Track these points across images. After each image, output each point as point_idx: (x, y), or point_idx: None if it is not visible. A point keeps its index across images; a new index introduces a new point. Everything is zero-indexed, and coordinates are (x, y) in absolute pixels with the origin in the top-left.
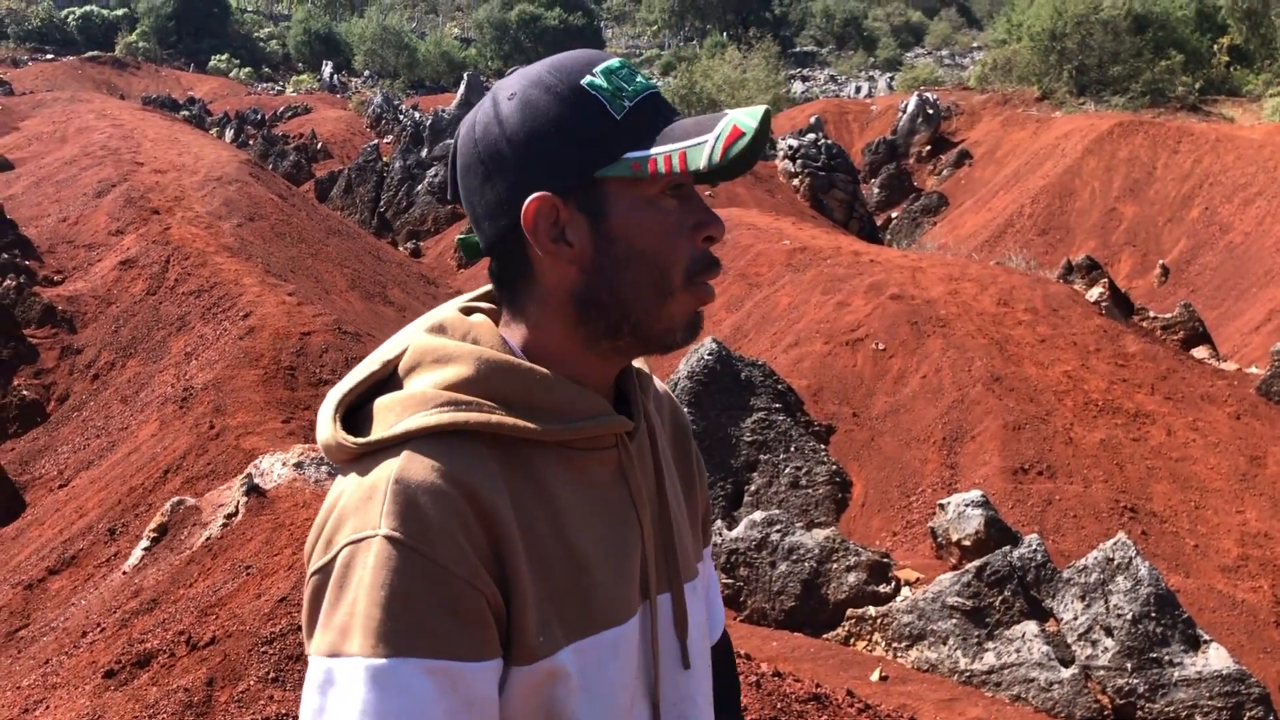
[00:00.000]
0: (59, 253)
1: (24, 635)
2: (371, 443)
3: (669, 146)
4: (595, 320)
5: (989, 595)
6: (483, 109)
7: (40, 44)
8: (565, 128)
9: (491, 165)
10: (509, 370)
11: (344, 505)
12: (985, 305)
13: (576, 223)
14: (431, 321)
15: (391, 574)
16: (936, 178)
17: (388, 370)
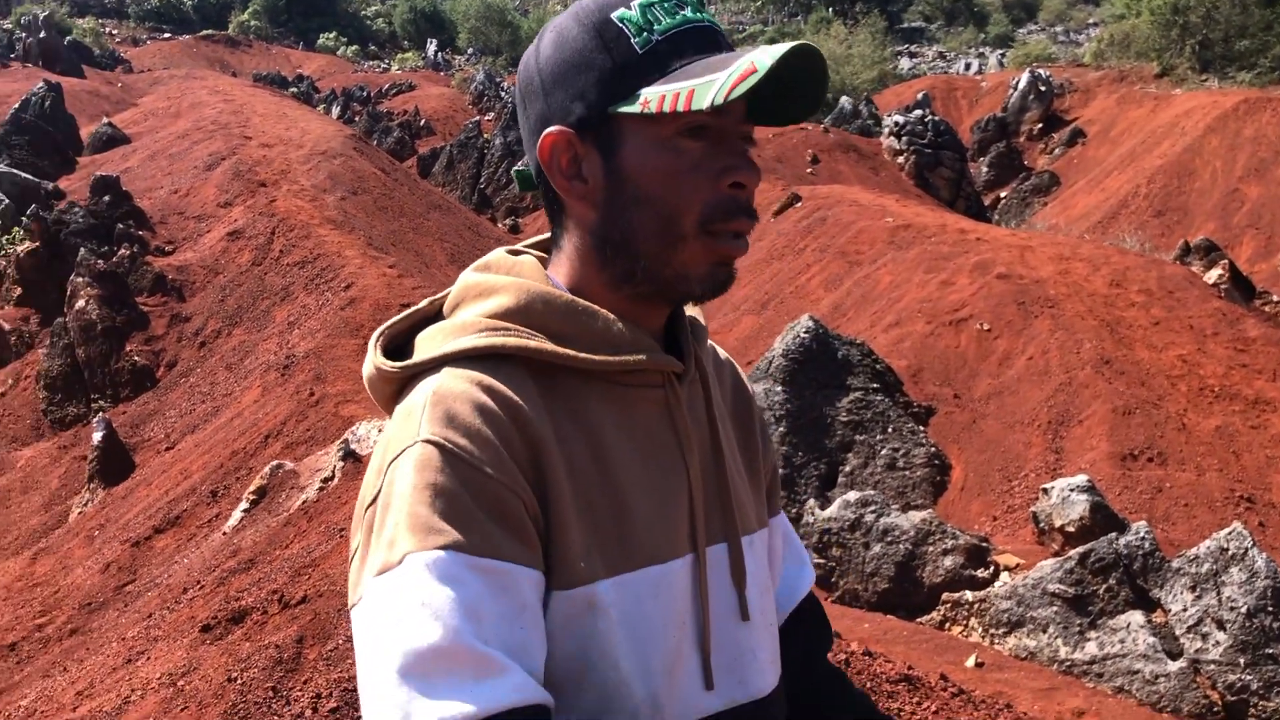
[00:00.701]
0: (170, 223)
1: (131, 590)
2: (411, 365)
3: (680, 84)
4: (613, 262)
5: (1092, 583)
6: (532, 47)
7: (159, 23)
8: (585, 60)
9: (528, 96)
10: (551, 301)
11: (390, 433)
12: (1097, 286)
13: (592, 159)
14: (480, 262)
15: (433, 473)
16: (1048, 156)
17: (434, 308)
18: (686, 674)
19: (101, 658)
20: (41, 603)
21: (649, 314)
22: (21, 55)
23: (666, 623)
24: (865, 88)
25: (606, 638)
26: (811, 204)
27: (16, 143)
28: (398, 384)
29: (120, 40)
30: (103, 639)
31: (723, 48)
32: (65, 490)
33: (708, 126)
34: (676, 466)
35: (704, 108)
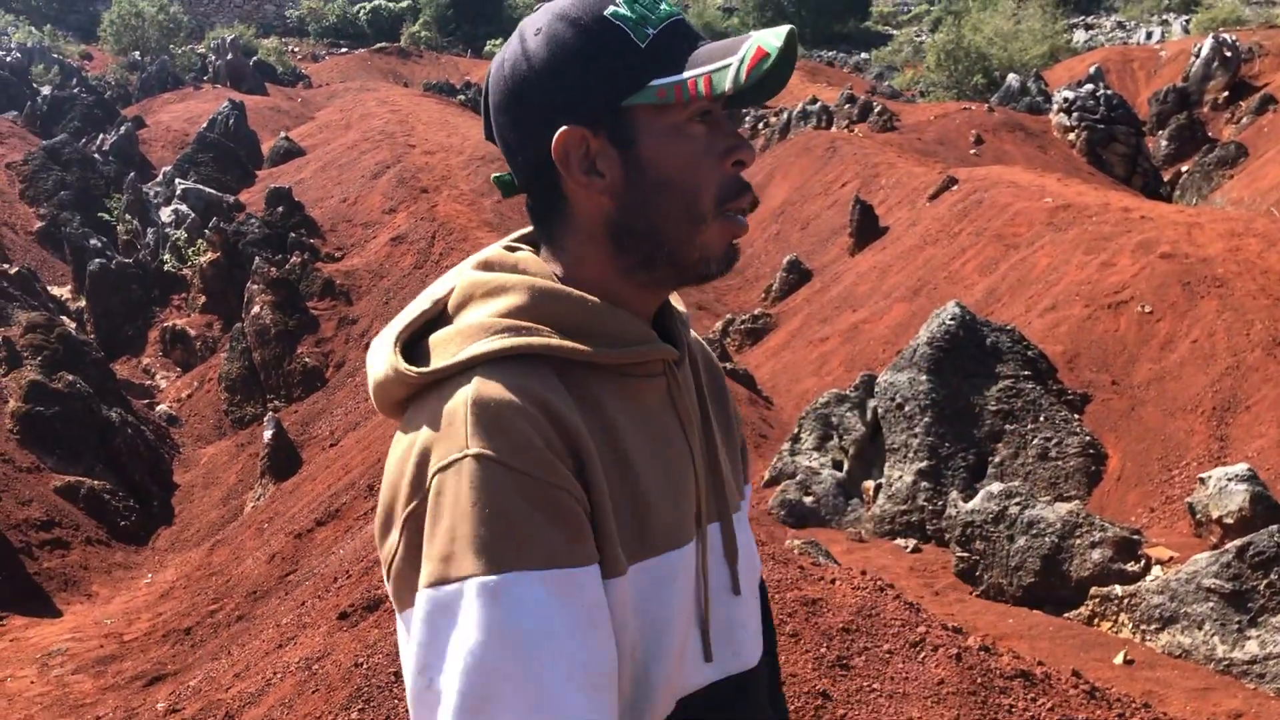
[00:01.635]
0: (339, 230)
1: (291, 579)
2: (436, 370)
3: (694, 71)
4: (632, 250)
5: (1252, 578)
6: (510, 46)
7: (336, 39)
8: (589, 59)
9: (521, 102)
10: (561, 297)
11: (423, 440)
12: (1271, 262)
13: (606, 153)
14: (477, 260)
15: (488, 490)
16: (1234, 126)
17: (437, 309)
18: (691, 651)
19: (259, 643)
20: (215, 591)
21: (647, 302)
22: (212, 77)
23: (680, 606)
24: (1034, 64)
25: (629, 624)
26: (968, 186)
27: (203, 160)
28: (415, 389)
29: (301, 57)
30: (262, 625)
31: (699, 37)
32: (241, 485)
33: (709, 111)
34: (683, 452)
35: (725, 90)
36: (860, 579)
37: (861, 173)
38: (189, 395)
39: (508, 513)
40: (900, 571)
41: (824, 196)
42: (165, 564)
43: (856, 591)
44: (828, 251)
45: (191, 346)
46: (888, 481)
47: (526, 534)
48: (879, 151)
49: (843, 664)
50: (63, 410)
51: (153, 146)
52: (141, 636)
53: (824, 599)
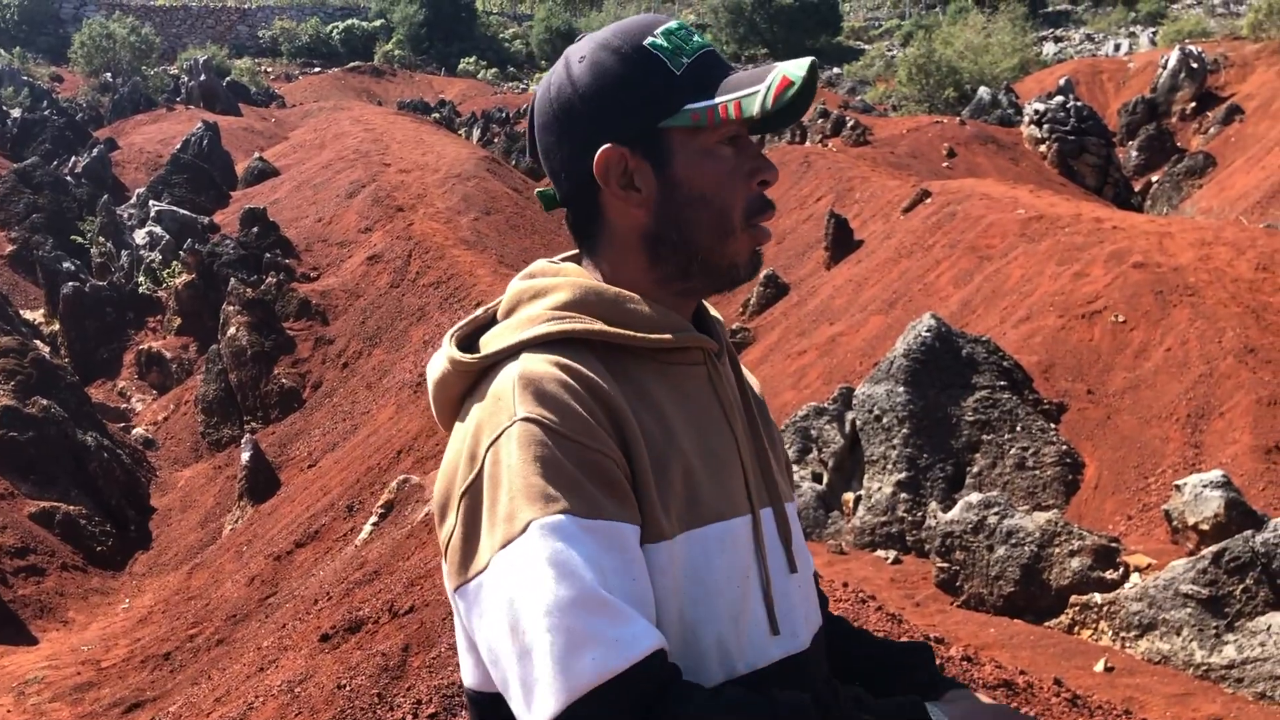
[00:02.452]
0: (315, 250)
1: (272, 601)
2: (488, 355)
3: (724, 97)
4: (667, 260)
5: (1228, 583)
6: (556, 72)
7: (309, 58)
8: (630, 84)
9: (566, 122)
10: (604, 292)
11: (476, 419)
12: (1241, 271)
13: (643, 170)
14: (525, 270)
15: (537, 447)
16: (1202, 136)
17: (488, 315)
18: (753, 623)
19: (239, 666)
20: (194, 615)
21: (681, 308)
22: (185, 98)
23: (731, 575)
24: (1005, 76)
25: (676, 587)
26: (941, 199)
27: (176, 181)
28: (473, 378)
29: (274, 77)
30: (243, 648)
31: (729, 67)
32: (219, 508)
33: (737, 135)
34: (726, 435)
35: (754, 114)
36: (842, 591)
37: (836, 187)
38: (165, 418)
39: (555, 466)
40: (881, 583)
41: (799, 210)
42: (143, 589)
43: (838, 604)
44: (804, 265)
45: (167, 369)
46: (867, 493)
47: (573, 487)
48: (853, 165)
49: None
50: (37, 435)
51: (126, 168)
52: (119, 663)
53: None
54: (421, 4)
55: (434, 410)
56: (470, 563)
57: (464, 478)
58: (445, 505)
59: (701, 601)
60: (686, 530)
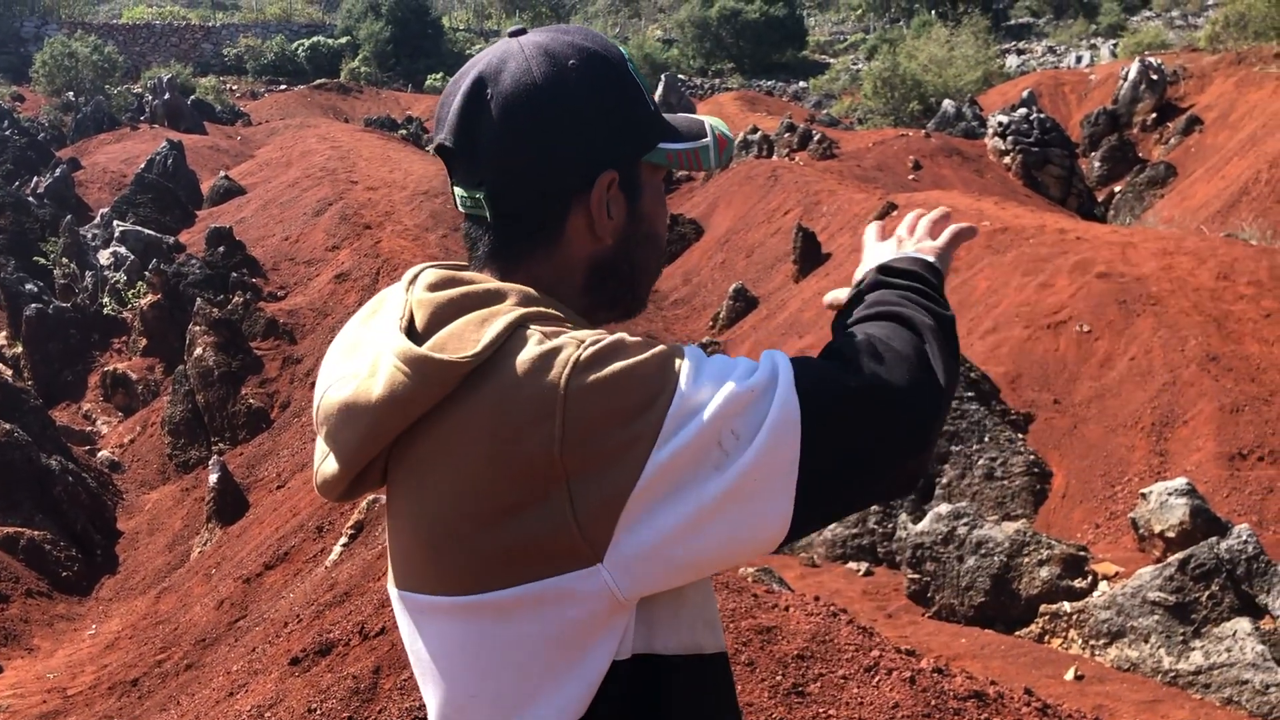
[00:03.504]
0: (281, 269)
1: (241, 625)
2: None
3: (687, 144)
4: (604, 289)
5: (1194, 590)
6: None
7: (275, 76)
8: (631, 112)
9: (564, 128)
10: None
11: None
12: (1202, 280)
13: (618, 199)
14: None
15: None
16: (1163, 147)
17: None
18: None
19: (208, 691)
20: (162, 639)
21: None
22: (149, 117)
23: None
24: (969, 89)
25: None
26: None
27: (141, 201)
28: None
29: (240, 95)
30: (212, 673)
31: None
32: (187, 531)
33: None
34: None
35: (711, 168)
36: (814, 605)
37: (803, 200)
38: (131, 440)
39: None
40: (853, 595)
41: (767, 224)
42: (109, 614)
43: (810, 618)
44: (773, 279)
45: (133, 390)
46: None
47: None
48: (820, 179)
49: (799, 691)
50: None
51: (89, 188)
52: (86, 690)
53: (778, 626)
54: (387, 21)
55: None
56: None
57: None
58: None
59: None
60: None
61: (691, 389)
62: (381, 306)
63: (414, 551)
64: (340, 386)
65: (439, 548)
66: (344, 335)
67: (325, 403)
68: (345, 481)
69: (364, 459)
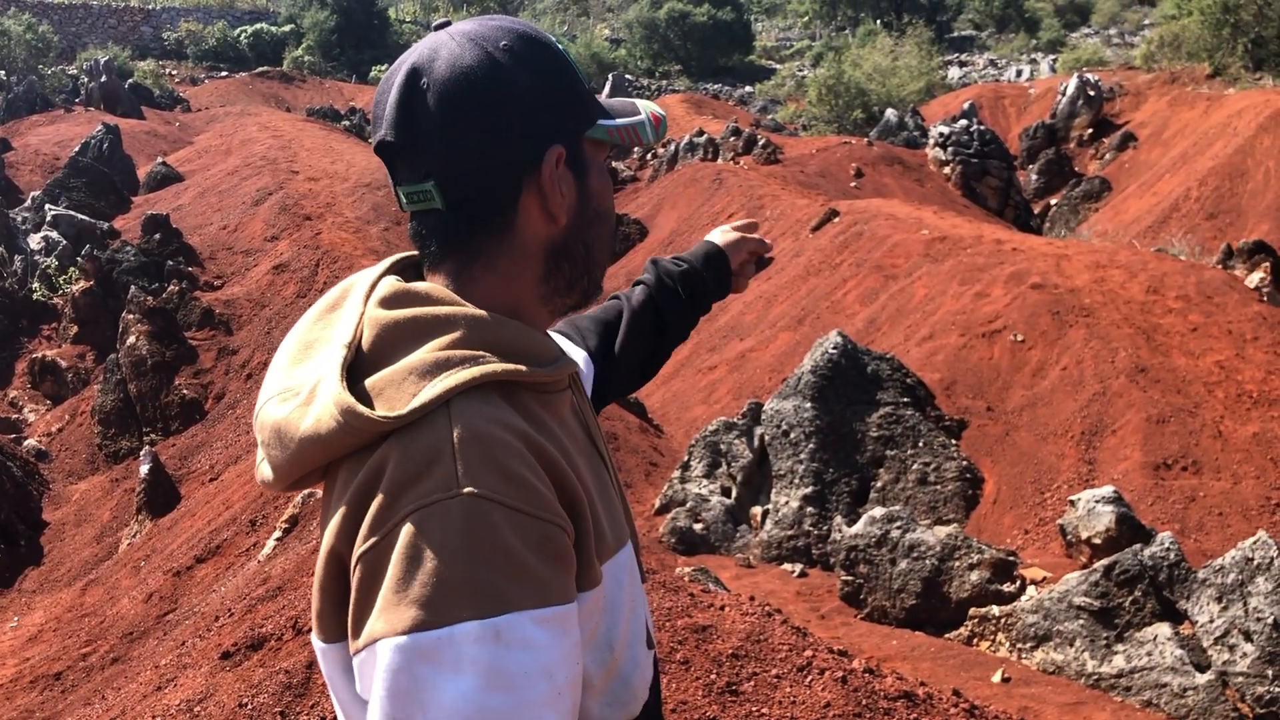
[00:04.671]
0: (219, 259)
1: (171, 619)
2: (416, 410)
3: (625, 120)
4: (561, 273)
5: (1118, 595)
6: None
7: (216, 62)
8: (569, 85)
9: (501, 115)
10: (492, 324)
11: (393, 478)
12: (1133, 293)
13: (567, 178)
14: (379, 297)
15: (484, 530)
16: (1099, 162)
17: (351, 354)
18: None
19: (136, 686)
20: (88, 632)
21: (547, 324)
22: (85, 99)
23: (634, 597)
24: (912, 99)
25: (602, 623)
26: (848, 218)
27: (75, 185)
28: (378, 436)
29: (180, 80)
30: (140, 667)
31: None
32: (116, 522)
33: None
34: (598, 458)
35: (649, 142)
36: (749, 605)
37: (747, 204)
38: (59, 429)
39: (506, 552)
40: (788, 596)
41: (711, 226)
42: (33, 606)
43: (745, 618)
44: None
45: (62, 378)
46: (774, 507)
47: (524, 573)
48: (764, 183)
49: (732, 690)
50: None
51: (20, 170)
52: (7, 683)
53: (714, 626)
54: (333, 10)
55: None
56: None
57: (364, 539)
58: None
59: (621, 631)
60: (603, 564)
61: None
62: (342, 303)
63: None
64: (278, 404)
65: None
66: (300, 329)
67: (262, 414)
68: (279, 489)
69: (291, 478)
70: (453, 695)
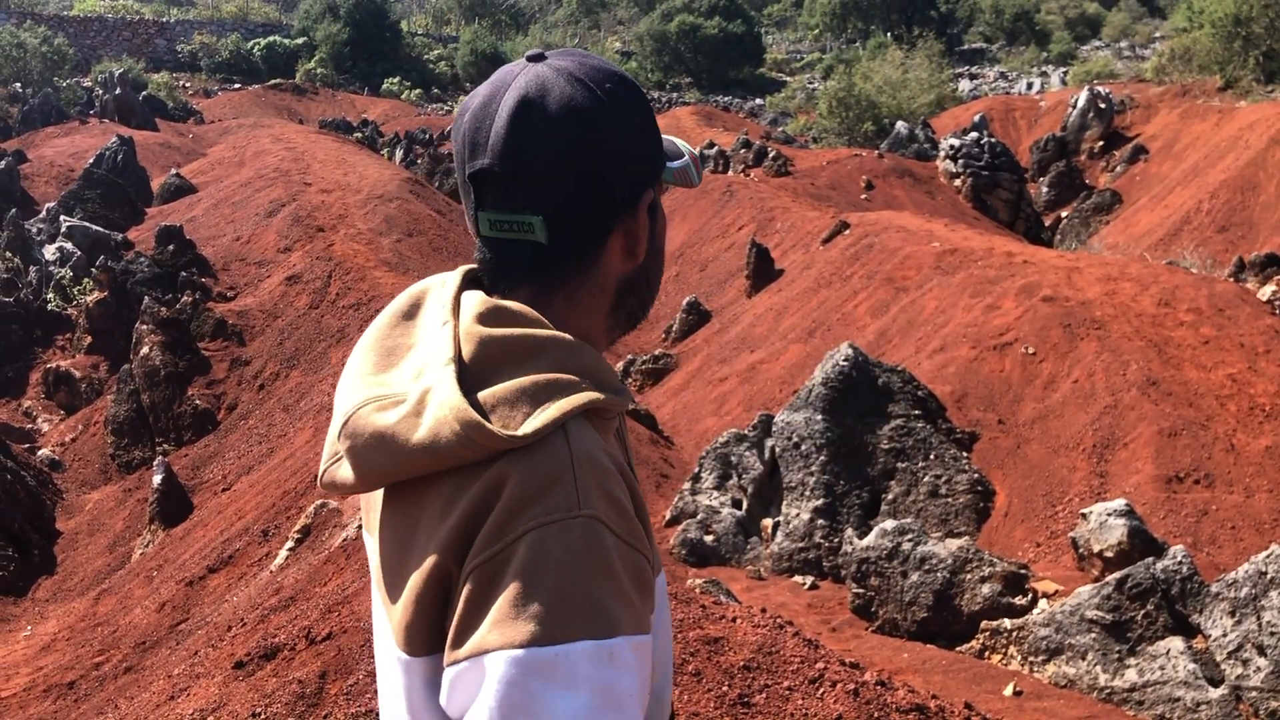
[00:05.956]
0: (232, 270)
1: (183, 628)
2: (537, 431)
3: (679, 163)
4: (626, 306)
5: (1130, 609)
6: (582, 96)
7: (229, 74)
8: (655, 133)
9: (609, 154)
10: (585, 351)
11: (517, 494)
12: (1144, 306)
13: (643, 217)
14: (475, 313)
15: (602, 554)
16: (1109, 175)
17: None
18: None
19: (148, 695)
20: (101, 642)
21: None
22: (99, 111)
23: (668, 622)
24: (922, 111)
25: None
26: (859, 231)
27: (89, 196)
28: (496, 453)
29: (193, 92)
30: (152, 676)
31: None
32: (129, 532)
33: None
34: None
35: (695, 185)
36: (760, 617)
37: (757, 216)
38: (73, 439)
39: (615, 577)
40: (799, 608)
41: (721, 239)
42: (46, 615)
43: (757, 630)
44: (726, 293)
45: (76, 388)
46: (785, 519)
47: (627, 599)
48: (774, 196)
49: (744, 702)
50: None
51: (35, 182)
52: (20, 692)
53: (725, 637)
54: (345, 23)
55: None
56: (463, 641)
57: (479, 551)
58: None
59: (662, 650)
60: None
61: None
62: (417, 312)
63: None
64: (376, 411)
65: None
66: (375, 336)
67: (359, 419)
68: (352, 492)
69: (382, 483)
70: (566, 712)
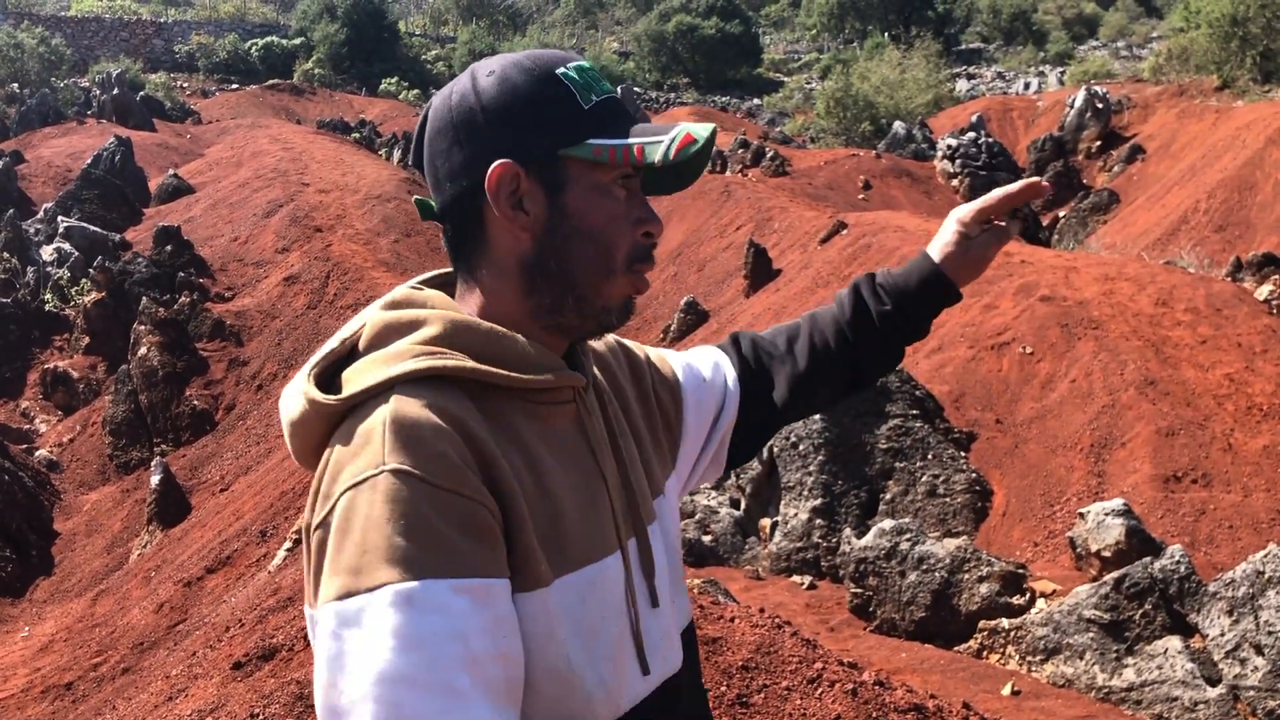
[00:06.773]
0: (230, 270)
1: (181, 629)
2: (354, 395)
3: (630, 140)
4: (542, 291)
5: (1128, 608)
6: (460, 82)
7: (226, 75)
8: (537, 105)
9: (462, 131)
10: (475, 328)
11: (336, 458)
12: (1142, 306)
13: (534, 193)
14: (386, 300)
15: (405, 503)
16: (1107, 174)
17: (346, 347)
18: (627, 660)
19: (146, 696)
20: (99, 643)
21: (554, 343)
22: (97, 112)
23: (605, 615)
24: (920, 111)
25: (555, 634)
26: (857, 230)
27: (87, 197)
28: (336, 419)
29: (190, 93)
30: (150, 677)
31: (633, 117)
32: (127, 533)
33: (631, 177)
34: (594, 473)
35: (655, 161)
36: (758, 617)
37: (755, 216)
38: (71, 439)
39: (425, 524)
40: (797, 608)
41: (719, 239)
42: (44, 616)
43: (755, 629)
44: (724, 293)
45: (74, 389)
46: (783, 519)
47: (443, 545)
48: (772, 195)
49: (743, 702)
50: None
51: (32, 182)
52: (18, 693)
53: (724, 637)
54: (343, 23)
55: (292, 451)
56: (312, 601)
57: (316, 513)
58: (304, 530)
59: (581, 647)
60: (560, 576)
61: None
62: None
63: None
64: (288, 389)
65: None
66: None
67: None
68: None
69: (306, 463)
70: (366, 655)
